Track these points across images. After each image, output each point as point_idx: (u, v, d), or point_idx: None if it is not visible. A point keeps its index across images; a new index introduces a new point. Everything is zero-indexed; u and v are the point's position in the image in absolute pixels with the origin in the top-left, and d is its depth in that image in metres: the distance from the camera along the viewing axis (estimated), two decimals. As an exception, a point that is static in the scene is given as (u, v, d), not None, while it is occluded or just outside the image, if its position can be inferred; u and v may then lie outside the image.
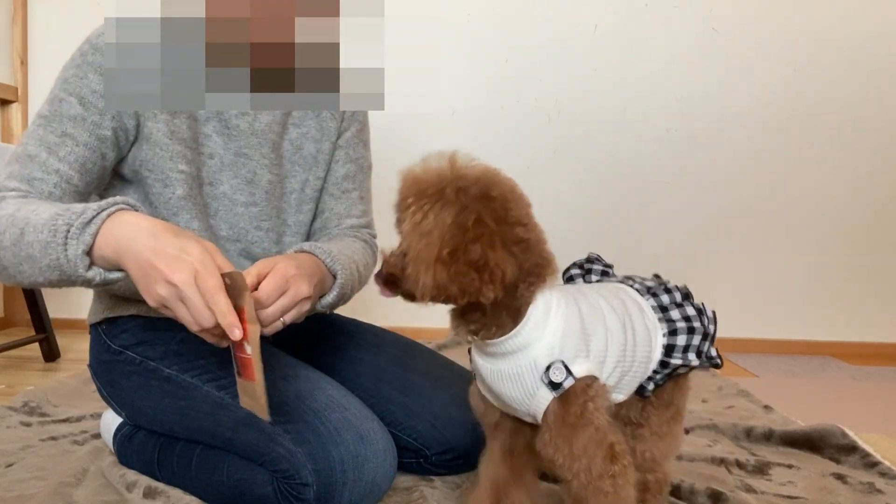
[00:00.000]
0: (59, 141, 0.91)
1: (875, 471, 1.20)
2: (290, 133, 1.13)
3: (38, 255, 0.77)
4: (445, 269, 0.67)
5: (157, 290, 0.73)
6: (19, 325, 2.55)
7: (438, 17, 2.41)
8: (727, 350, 2.45)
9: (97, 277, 0.78)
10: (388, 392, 1.12)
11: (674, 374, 0.87)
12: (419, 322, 2.52)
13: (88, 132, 0.92)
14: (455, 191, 0.69)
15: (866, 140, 2.42)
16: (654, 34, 2.41)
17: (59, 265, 0.76)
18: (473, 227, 0.68)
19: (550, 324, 0.76)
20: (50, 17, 2.47)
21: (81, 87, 0.92)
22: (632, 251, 2.45)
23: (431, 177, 0.71)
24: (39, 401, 1.50)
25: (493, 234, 0.69)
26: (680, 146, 2.44)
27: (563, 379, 0.74)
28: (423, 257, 0.68)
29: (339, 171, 1.20)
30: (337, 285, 0.99)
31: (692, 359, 0.84)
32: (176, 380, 1.01)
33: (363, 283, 1.13)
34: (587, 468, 0.73)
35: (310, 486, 0.89)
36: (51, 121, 0.92)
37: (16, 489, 1.05)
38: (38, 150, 0.90)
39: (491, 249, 0.68)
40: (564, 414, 0.74)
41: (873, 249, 2.46)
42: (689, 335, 0.84)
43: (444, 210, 0.69)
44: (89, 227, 0.76)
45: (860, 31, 2.38)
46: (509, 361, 0.77)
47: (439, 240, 0.68)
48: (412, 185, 0.72)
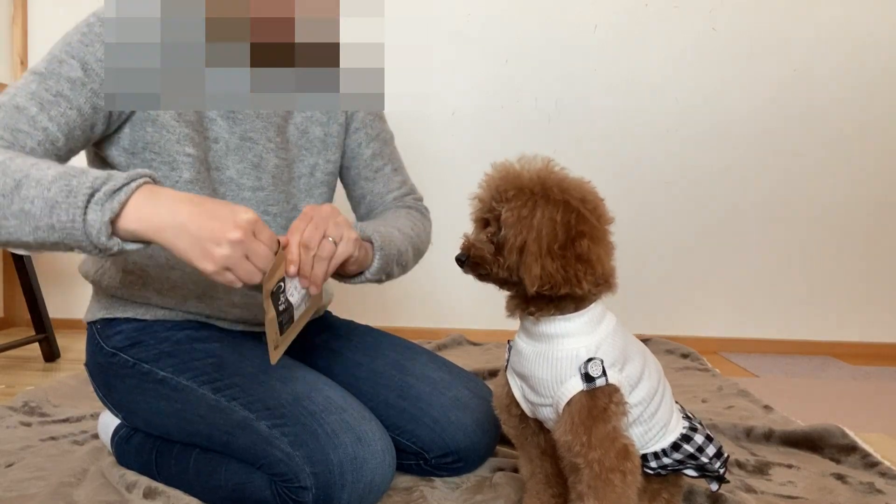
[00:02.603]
0: (52, 100, 0.86)
1: (875, 471, 1.20)
2: (296, 117, 1.12)
3: (39, 213, 0.73)
4: (554, 262, 0.75)
5: (219, 252, 0.73)
6: (19, 325, 2.55)
7: (438, 17, 2.41)
8: (727, 350, 2.46)
9: (115, 247, 0.74)
10: (387, 396, 1.12)
11: (679, 468, 0.88)
12: (419, 322, 2.52)
13: (85, 98, 0.88)
14: (560, 191, 0.76)
15: (866, 140, 2.42)
16: (654, 34, 2.40)
17: (68, 228, 0.73)
18: (577, 224, 0.75)
19: (602, 326, 0.82)
20: (50, 17, 2.47)
21: (86, 53, 0.89)
22: (632, 251, 2.46)
23: (532, 175, 0.78)
24: (39, 401, 1.50)
25: (595, 230, 0.76)
26: (680, 146, 2.44)
27: (598, 375, 0.78)
28: (532, 250, 0.75)
29: (365, 153, 1.21)
30: (377, 248, 1.00)
31: (703, 458, 0.87)
32: (171, 382, 1.00)
33: (418, 244, 1.14)
34: (600, 459, 0.77)
35: (308, 490, 0.88)
36: (47, 78, 0.87)
37: (16, 489, 1.05)
38: (28, 104, 0.85)
39: (594, 244, 0.76)
40: (591, 406, 0.78)
41: (873, 249, 2.45)
42: (707, 440, 0.88)
43: (549, 208, 0.75)
44: (118, 195, 0.73)
45: (860, 31, 2.37)
46: (552, 345, 0.81)
47: (549, 235, 0.75)
48: (513, 179, 0.78)
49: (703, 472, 0.90)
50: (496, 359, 2.07)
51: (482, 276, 0.82)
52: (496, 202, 0.79)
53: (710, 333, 2.49)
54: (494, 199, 0.79)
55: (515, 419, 0.91)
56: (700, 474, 0.90)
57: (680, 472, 0.89)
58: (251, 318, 1.11)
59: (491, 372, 1.85)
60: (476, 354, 2.18)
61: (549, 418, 0.85)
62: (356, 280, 1.02)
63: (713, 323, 2.50)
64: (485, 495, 1.06)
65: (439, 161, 2.43)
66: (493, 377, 1.82)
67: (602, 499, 0.77)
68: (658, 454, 0.87)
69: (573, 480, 0.82)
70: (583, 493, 0.79)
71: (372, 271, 1.00)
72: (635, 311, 2.50)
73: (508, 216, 0.77)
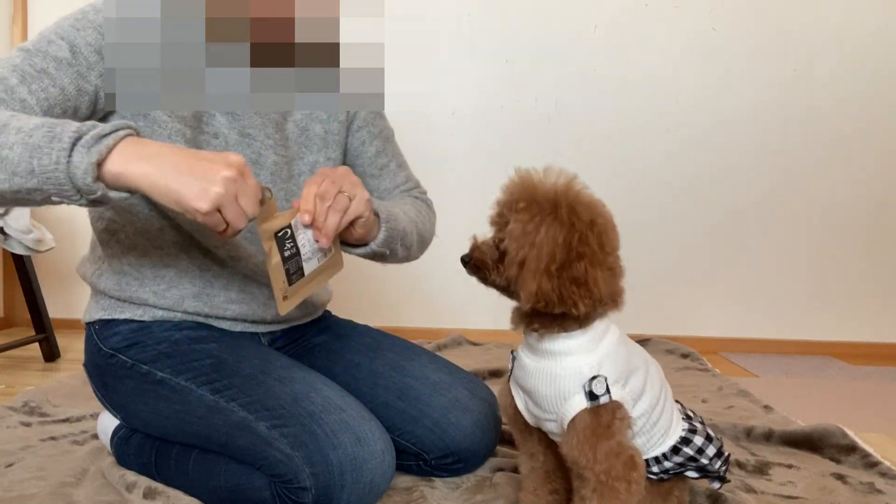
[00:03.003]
0: (35, 74, 0.85)
1: (875, 471, 1.20)
2: (295, 115, 1.12)
3: (17, 158, 0.72)
4: (550, 281, 0.75)
5: (214, 190, 0.73)
6: (19, 325, 2.55)
7: (438, 16, 2.41)
8: (727, 350, 2.46)
9: (99, 191, 0.74)
10: (386, 397, 1.11)
11: (681, 470, 0.89)
12: (419, 322, 2.52)
13: (70, 79, 0.87)
14: (568, 211, 0.76)
15: (866, 140, 2.42)
16: (654, 34, 2.40)
17: (49, 172, 0.72)
18: (577, 246, 0.75)
19: (604, 343, 0.82)
20: (50, 17, 2.47)
21: (76, 37, 0.88)
22: (632, 251, 2.45)
23: (548, 190, 0.78)
24: (39, 401, 1.50)
25: (594, 255, 0.76)
26: (680, 146, 2.44)
27: (602, 393, 0.78)
28: (531, 266, 0.75)
29: (369, 151, 1.21)
30: (382, 221, 1.00)
31: (703, 460, 0.87)
32: (169, 383, 1.00)
33: (423, 231, 1.15)
34: (607, 471, 0.78)
35: (308, 490, 0.88)
36: (33, 55, 0.86)
37: (16, 489, 1.05)
38: (8, 74, 0.83)
39: (591, 268, 0.75)
40: (595, 424, 0.78)
41: (873, 250, 2.45)
42: (706, 441, 0.88)
43: (554, 226, 0.75)
44: (105, 139, 0.73)
45: (860, 31, 2.37)
46: (556, 362, 0.81)
47: (549, 254, 0.75)
48: (528, 190, 0.78)
49: (704, 473, 0.90)
50: (496, 359, 2.07)
51: (483, 280, 0.83)
52: (507, 210, 0.79)
53: (710, 333, 2.49)
54: (506, 207, 0.80)
55: (520, 425, 0.92)
56: (701, 475, 0.90)
57: (681, 474, 0.89)
58: (250, 316, 1.10)
59: (491, 372, 1.85)
60: (476, 354, 2.18)
61: (553, 431, 0.85)
62: (361, 251, 1.03)
63: (713, 323, 2.50)
64: (485, 495, 1.06)
65: (439, 161, 2.43)
66: (493, 377, 1.82)
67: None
68: (659, 458, 0.87)
69: (577, 485, 0.83)
70: (585, 497, 0.80)
71: (377, 242, 1.01)
72: (635, 311, 2.48)
73: (514, 228, 0.77)
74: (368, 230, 0.98)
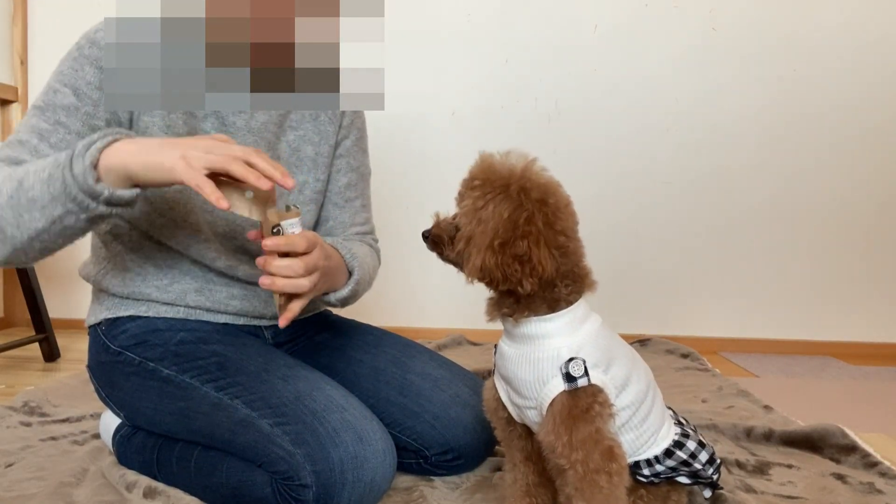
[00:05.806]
0: (51, 128, 0.92)
1: (875, 471, 1.20)
2: (288, 135, 1.14)
3: (40, 192, 0.80)
4: (494, 257, 0.75)
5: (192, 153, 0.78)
6: (19, 325, 2.55)
7: (438, 16, 2.42)
8: (727, 350, 2.46)
9: (105, 191, 0.79)
10: (387, 393, 1.12)
11: (672, 475, 0.88)
12: (419, 322, 2.52)
13: (81, 122, 0.94)
14: (518, 189, 0.76)
15: (867, 140, 2.42)
16: (654, 34, 2.41)
17: (64, 189, 0.79)
18: (524, 224, 0.75)
19: (585, 328, 0.81)
20: (50, 17, 2.47)
21: (77, 79, 0.93)
22: (632, 251, 2.46)
23: (503, 170, 0.78)
24: (39, 401, 1.50)
25: (539, 234, 0.75)
26: (680, 146, 2.44)
27: (579, 375, 0.77)
28: (476, 241, 0.76)
29: (341, 181, 1.22)
30: (353, 281, 1.05)
31: (696, 465, 0.87)
32: (175, 380, 1.01)
33: (370, 285, 1.18)
34: (584, 460, 0.76)
35: (309, 488, 0.89)
36: (44, 111, 0.93)
37: (16, 489, 1.05)
38: (29, 137, 0.92)
39: (535, 247, 0.75)
40: (571, 406, 0.77)
41: (873, 250, 2.46)
42: (699, 447, 0.88)
43: (503, 204, 0.76)
44: (96, 143, 0.80)
45: (860, 32, 2.37)
46: (534, 346, 0.81)
47: (493, 230, 0.75)
48: (485, 170, 0.79)
49: (696, 479, 0.89)
50: (496, 359, 2.07)
51: (440, 255, 0.84)
52: (465, 188, 0.81)
53: (710, 333, 2.49)
54: (464, 186, 0.81)
55: (503, 422, 0.90)
56: (693, 481, 0.89)
57: (673, 479, 0.88)
58: (251, 311, 1.12)
59: (491, 372, 1.85)
60: (476, 354, 2.18)
61: (534, 421, 0.84)
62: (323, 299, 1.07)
63: (713, 323, 2.50)
64: (485, 495, 1.06)
65: (439, 161, 2.43)
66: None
67: (589, 500, 0.76)
68: (651, 461, 0.86)
69: (560, 483, 0.81)
70: (570, 496, 0.78)
71: (338, 297, 1.06)
72: (635, 310, 2.50)
73: (466, 205, 0.79)
74: (333, 282, 1.02)
